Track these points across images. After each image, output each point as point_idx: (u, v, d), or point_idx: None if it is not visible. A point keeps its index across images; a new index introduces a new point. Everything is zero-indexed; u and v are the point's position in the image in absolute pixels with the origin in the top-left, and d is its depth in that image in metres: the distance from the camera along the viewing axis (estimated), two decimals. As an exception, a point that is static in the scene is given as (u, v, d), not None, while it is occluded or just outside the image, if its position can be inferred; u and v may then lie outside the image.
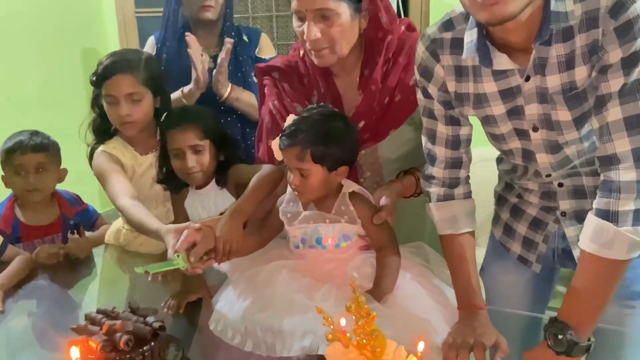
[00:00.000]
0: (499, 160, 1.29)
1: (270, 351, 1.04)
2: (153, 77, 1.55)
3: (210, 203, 1.51)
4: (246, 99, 1.76)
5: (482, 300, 1.13)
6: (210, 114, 1.52)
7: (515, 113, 1.05)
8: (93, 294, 1.53)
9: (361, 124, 1.29)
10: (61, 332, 0.98)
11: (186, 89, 1.71)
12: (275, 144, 1.22)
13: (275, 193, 1.33)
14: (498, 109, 1.06)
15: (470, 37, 0.99)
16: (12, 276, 1.44)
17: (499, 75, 1.01)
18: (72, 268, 1.60)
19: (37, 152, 1.62)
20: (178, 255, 1.09)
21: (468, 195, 1.21)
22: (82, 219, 1.80)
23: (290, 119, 1.23)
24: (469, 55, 1.01)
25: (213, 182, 1.51)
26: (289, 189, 1.26)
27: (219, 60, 1.70)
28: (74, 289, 1.55)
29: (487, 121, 1.10)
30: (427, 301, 1.13)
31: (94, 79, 1.54)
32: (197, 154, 1.45)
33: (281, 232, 1.31)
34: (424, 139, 1.18)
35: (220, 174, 1.51)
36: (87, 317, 0.89)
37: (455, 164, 1.17)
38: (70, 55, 3.56)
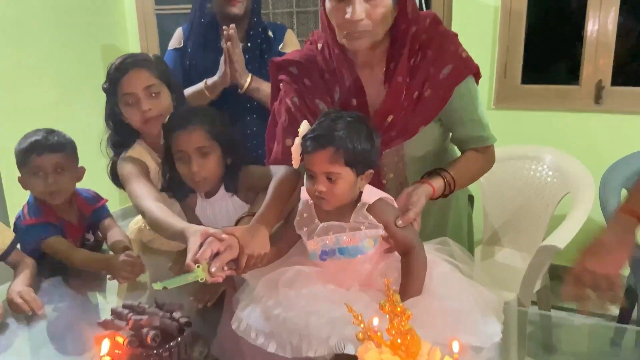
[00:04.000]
0: None
1: (295, 352, 1.02)
2: (166, 72, 1.53)
3: (222, 211, 1.48)
4: (267, 90, 1.74)
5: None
6: (217, 115, 1.46)
7: None
8: (112, 290, 1.51)
9: (389, 118, 1.25)
10: (85, 327, 0.97)
11: (210, 81, 1.69)
12: (295, 149, 1.17)
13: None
14: None
15: None
16: (29, 279, 1.41)
17: None
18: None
19: (54, 152, 1.56)
20: (198, 266, 1.06)
21: None
22: (100, 216, 1.74)
23: (305, 125, 1.17)
24: None
25: (222, 188, 1.46)
26: (302, 198, 1.21)
27: (225, 48, 1.65)
28: (92, 286, 1.54)
29: None
30: (456, 301, 1.09)
31: (107, 84, 1.51)
32: (203, 158, 1.38)
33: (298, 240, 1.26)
34: None
35: (229, 179, 1.45)
36: (114, 312, 0.88)
37: None
38: (90, 52, 3.58)
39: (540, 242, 1.90)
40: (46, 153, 1.55)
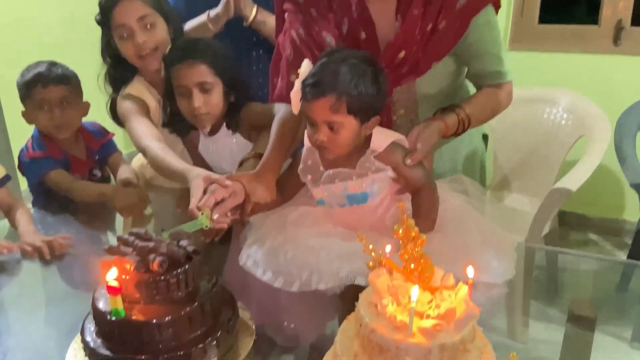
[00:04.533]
0: None
1: (304, 286, 1.00)
2: (160, 1, 1.45)
3: (225, 149, 1.44)
4: (273, 24, 1.67)
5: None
6: (220, 48, 1.38)
7: None
8: (119, 225, 1.52)
9: (401, 54, 1.17)
10: (92, 256, 0.97)
11: (213, 12, 1.61)
12: (295, 94, 1.09)
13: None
14: None
15: None
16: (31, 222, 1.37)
17: None
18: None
19: (59, 84, 1.52)
20: (202, 213, 1.04)
21: None
22: (107, 151, 1.72)
23: (305, 66, 1.08)
24: None
25: (224, 126, 1.41)
26: (305, 145, 1.16)
27: None
28: (100, 221, 1.53)
29: None
30: (469, 238, 1.07)
31: (100, 16, 1.43)
32: (205, 93, 1.32)
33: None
34: None
35: (231, 116, 1.40)
36: (120, 239, 0.87)
37: None
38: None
39: (551, 186, 1.87)
40: (51, 85, 1.51)
